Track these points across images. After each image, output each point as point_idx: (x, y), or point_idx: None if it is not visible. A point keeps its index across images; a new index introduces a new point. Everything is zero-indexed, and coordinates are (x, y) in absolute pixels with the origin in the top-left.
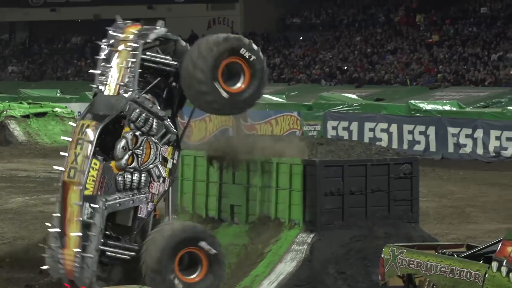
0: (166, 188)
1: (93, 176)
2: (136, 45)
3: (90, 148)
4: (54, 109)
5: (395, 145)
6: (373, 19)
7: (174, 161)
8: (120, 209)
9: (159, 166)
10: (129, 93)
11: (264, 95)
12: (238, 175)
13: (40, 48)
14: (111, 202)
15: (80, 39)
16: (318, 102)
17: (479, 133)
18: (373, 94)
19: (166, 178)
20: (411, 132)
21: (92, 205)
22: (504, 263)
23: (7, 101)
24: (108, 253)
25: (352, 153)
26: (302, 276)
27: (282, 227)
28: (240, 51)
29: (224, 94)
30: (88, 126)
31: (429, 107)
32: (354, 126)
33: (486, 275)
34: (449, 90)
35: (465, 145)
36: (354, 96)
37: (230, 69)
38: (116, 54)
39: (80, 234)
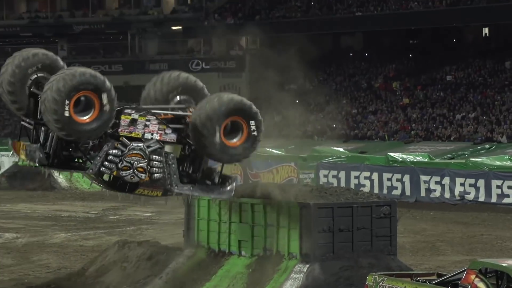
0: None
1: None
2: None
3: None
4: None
5: (376, 190)
6: (357, 85)
7: (133, 113)
8: (178, 171)
9: (137, 120)
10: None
11: (266, 149)
12: (244, 215)
13: None
14: (173, 179)
15: None
16: (311, 154)
17: (446, 180)
18: (358, 148)
19: (147, 116)
20: (389, 179)
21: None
22: None
23: None
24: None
25: (340, 197)
26: None
27: (282, 259)
28: (92, 87)
29: (66, 118)
30: None
31: (405, 158)
32: (342, 174)
33: None
34: (421, 144)
35: (434, 190)
36: (341, 149)
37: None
38: None
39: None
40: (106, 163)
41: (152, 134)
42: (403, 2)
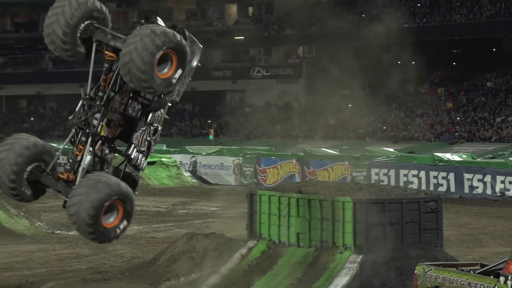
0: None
1: None
2: None
3: None
4: (161, 159)
5: (423, 187)
6: (405, 91)
7: (102, 122)
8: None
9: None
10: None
11: (322, 149)
12: (302, 210)
13: None
14: (168, 96)
15: (180, 106)
16: (364, 154)
17: (488, 178)
18: (406, 148)
19: (107, 108)
20: (435, 177)
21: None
22: (509, 278)
23: None
24: None
25: (391, 194)
26: (353, 287)
27: (338, 250)
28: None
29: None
30: None
31: (449, 158)
32: (392, 172)
33: (495, 287)
34: (464, 145)
35: (477, 187)
36: (391, 149)
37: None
38: None
39: None
40: (138, 166)
41: (124, 106)
42: (447, 14)
